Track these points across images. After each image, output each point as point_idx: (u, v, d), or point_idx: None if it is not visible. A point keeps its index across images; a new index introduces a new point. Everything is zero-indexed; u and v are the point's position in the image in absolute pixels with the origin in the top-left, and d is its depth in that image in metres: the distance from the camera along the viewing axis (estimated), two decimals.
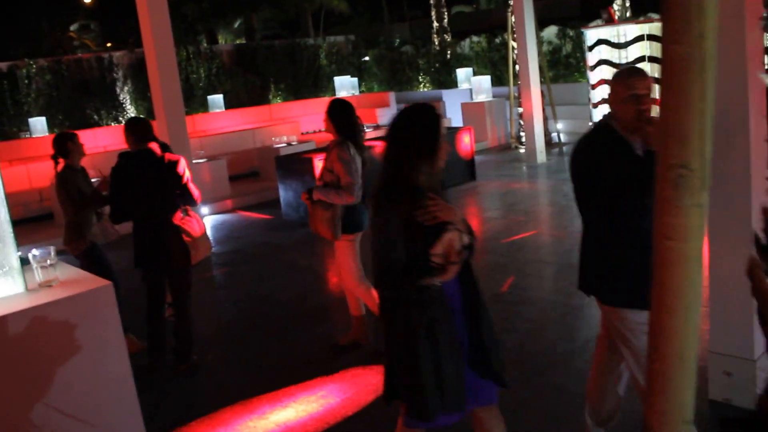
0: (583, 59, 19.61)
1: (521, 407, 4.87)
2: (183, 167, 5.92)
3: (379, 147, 11.57)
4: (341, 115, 5.70)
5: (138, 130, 5.95)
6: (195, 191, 6.02)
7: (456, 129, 13.46)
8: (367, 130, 16.60)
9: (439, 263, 3.21)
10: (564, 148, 16.30)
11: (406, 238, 3.25)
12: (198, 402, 5.62)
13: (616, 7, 19.85)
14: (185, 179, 5.91)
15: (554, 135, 16.52)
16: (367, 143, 11.40)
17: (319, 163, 10.71)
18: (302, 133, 17.45)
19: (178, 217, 5.95)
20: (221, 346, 6.79)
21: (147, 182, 5.85)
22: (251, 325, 7.19)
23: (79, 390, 4.08)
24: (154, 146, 5.98)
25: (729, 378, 4.63)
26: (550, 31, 20.00)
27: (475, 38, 22.21)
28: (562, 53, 19.71)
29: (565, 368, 5.43)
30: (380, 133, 16.41)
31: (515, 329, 6.30)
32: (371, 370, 5.74)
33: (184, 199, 5.98)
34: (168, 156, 5.95)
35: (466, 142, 13.25)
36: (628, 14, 19.69)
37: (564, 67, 19.58)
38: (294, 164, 11.57)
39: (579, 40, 19.55)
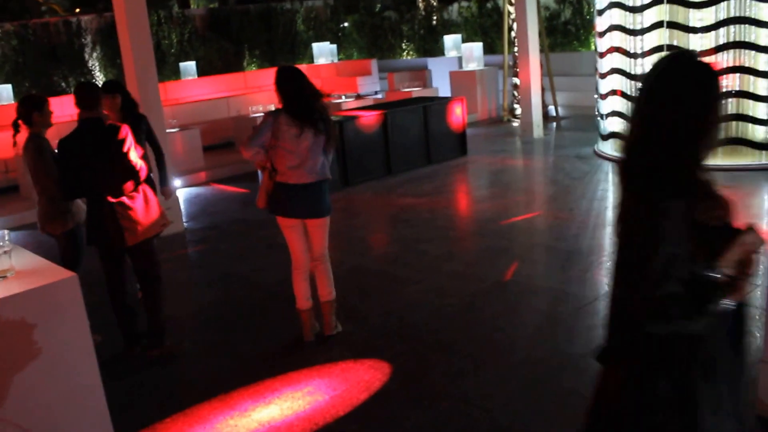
0: (592, 24, 18.99)
1: (533, 414, 4.19)
2: (125, 135, 5.12)
3: (366, 117, 10.85)
4: (277, 82, 5.24)
5: (83, 97, 5.27)
6: (137, 163, 5.22)
7: (447, 99, 12.66)
8: (347, 100, 15.84)
9: (731, 276, 2.29)
10: (562, 123, 15.56)
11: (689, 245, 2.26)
12: (173, 395, 4.96)
13: None
14: (126, 148, 5.11)
15: (551, 108, 15.74)
16: (345, 113, 10.63)
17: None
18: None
19: (128, 190, 5.19)
20: (197, 331, 6.09)
21: (90, 154, 5.17)
22: (229, 309, 6.47)
23: (38, 401, 3.59)
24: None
25: None
26: None
27: (464, 3, 21.31)
28: (561, 20, 18.90)
29: (577, 371, 4.70)
30: (362, 102, 15.61)
31: (523, 323, 5.58)
32: (362, 363, 5.07)
33: (127, 172, 5.19)
34: (110, 123, 5.30)
35: (457, 114, 12.45)
36: None
37: (562, 35, 18.79)
38: None
39: (580, 6, 18.75)
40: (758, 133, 10.21)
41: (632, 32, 10.80)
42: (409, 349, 5.23)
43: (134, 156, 5.21)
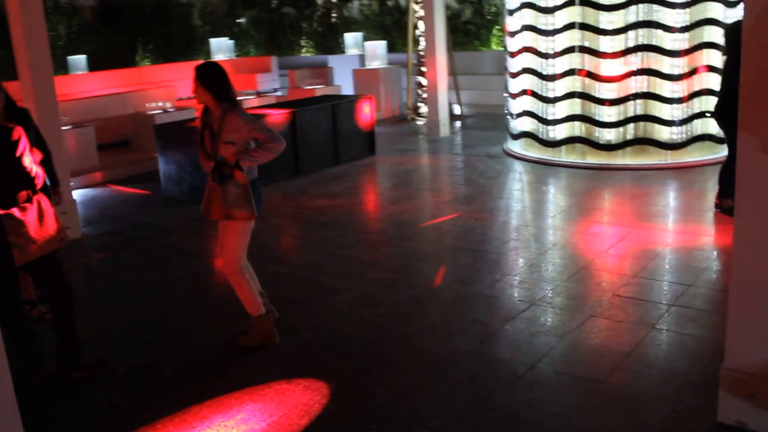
0: (493, 24, 19.10)
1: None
2: (18, 137, 4.54)
3: (274, 116, 10.40)
4: (218, 78, 4.91)
5: None
6: (33, 169, 4.64)
7: (355, 98, 12.34)
8: (248, 97, 15.31)
9: None
10: (467, 121, 15.50)
11: None
12: (86, 429, 4.40)
13: None
14: (19, 152, 4.53)
15: (455, 107, 15.66)
16: (252, 111, 10.22)
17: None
18: (178, 99, 15.84)
19: (21, 200, 4.59)
20: (108, 353, 5.38)
21: None
22: (142, 327, 5.87)
23: None
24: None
25: (746, 399, 3.86)
26: None
27: (365, 1, 21.05)
28: (461, 19, 18.89)
29: (527, 383, 4.48)
30: (263, 100, 15.14)
31: (463, 334, 5.31)
32: (297, 384, 4.64)
33: (20, 179, 4.61)
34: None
35: (366, 113, 12.17)
36: None
37: (463, 34, 18.78)
38: (178, 134, 10.13)
39: (481, 5, 18.81)
40: (664, 133, 10.37)
41: (544, 33, 10.78)
42: (346, 366, 4.88)
43: (28, 161, 4.63)
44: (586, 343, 5.01)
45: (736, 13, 10.28)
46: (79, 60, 17.36)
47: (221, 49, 19.20)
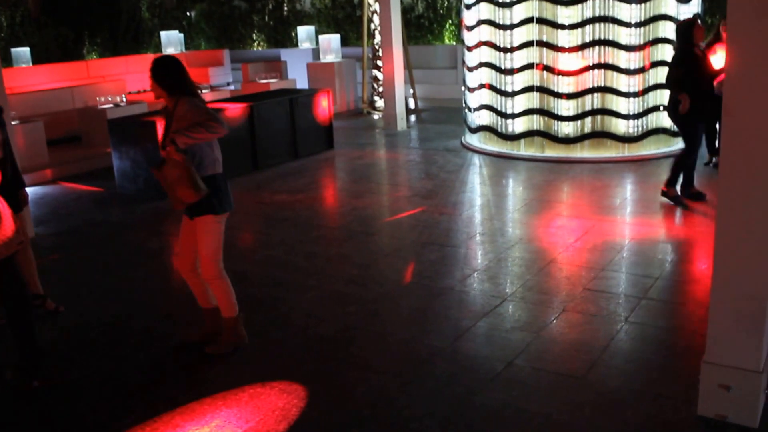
0: (446, 18, 19.10)
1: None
2: None
3: (231, 110, 10.21)
4: (170, 73, 4.82)
5: None
6: None
7: (313, 91, 12.19)
8: (203, 91, 15.04)
9: None
10: (423, 115, 15.47)
11: None
12: None
13: None
14: None
15: (410, 101, 15.62)
16: (209, 106, 9.96)
17: None
18: (129, 93, 15.48)
19: None
20: (71, 360, 5.19)
21: None
22: (104, 332, 5.65)
23: None
24: None
25: (727, 392, 3.87)
26: None
27: None
28: (414, 13, 18.86)
29: (507, 381, 4.44)
30: (218, 94, 14.91)
31: (438, 330, 5.25)
32: (272, 387, 4.52)
33: None
34: None
35: (324, 107, 12.03)
36: None
37: (416, 28, 18.74)
38: (132, 129, 9.87)
39: (434, 0, 18.81)
40: (621, 126, 10.47)
41: (502, 27, 10.77)
42: (321, 367, 4.78)
43: None
44: (562, 338, 5.00)
45: (689, 9, 10.42)
46: (22, 52, 16.89)
47: (171, 42, 18.86)
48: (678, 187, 8.10)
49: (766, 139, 3.55)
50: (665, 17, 10.21)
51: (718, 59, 8.52)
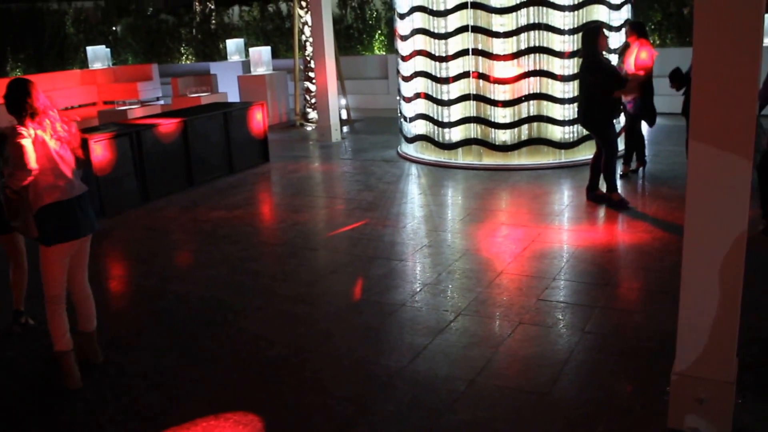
0: (376, 28, 19.01)
1: None
2: None
3: (164, 126, 9.89)
4: (7, 97, 4.54)
5: None
6: None
7: (247, 104, 11.93)
8: (132, 107, 14.63)
9: None
10: (356, 126, 15.34)
11: None
12: None
13: None
14: None
15: (343, 111, 15.47)
16: (142, 122, 9.65)
17: (95, 146, 8.81)
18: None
19: None
20: None
21: None
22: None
23: None
24: None
25: (699, 404, 3.81)
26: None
27: (245, 7, 20.58)
28: (344, 24, 18.73)
29: (470, 399, 4.31)
30: (148, 110, 14.52)
31: (394, 350, 5.09)
32: (226, 419, 4.27)
33: None
34: None
35: (258, 120, 11.79)
36: None
37: (345, 39, 18.61)
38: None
39: (363, 11, 18.72)
40: (556, 133, 10.52)
41: (437, 36, 10.71)
42: (276, 394, 4.56)
43: None
44: (522, 352, 4.90)
45: (620, 16, 10.55)
46: None
47: (98, 57, 18.32)
48: (609, 188, 8.32)
49: (732, 148, 3.52)
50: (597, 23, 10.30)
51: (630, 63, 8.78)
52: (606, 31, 8.19)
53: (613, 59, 9.93)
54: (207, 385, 4.73)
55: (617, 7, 10.54)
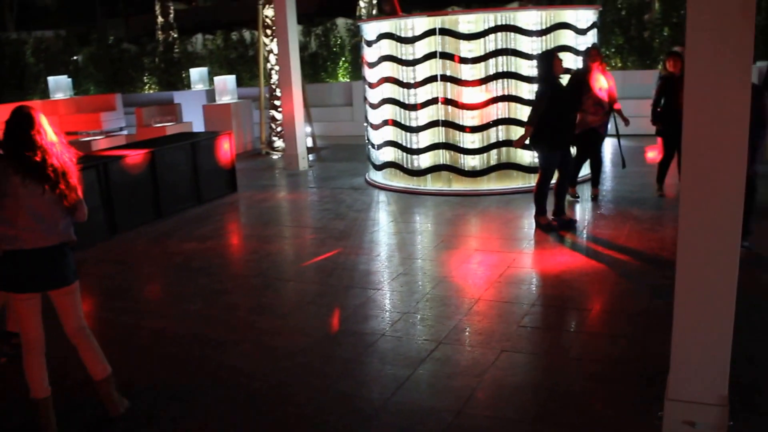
0: (341, 56, 19.06)
1: None
2: None
3: (132, 157, 9.77)
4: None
5: None
6: None
7: (214, 134, 11.84)
8: (96, 138, 14.46)
9: None
10: (322, 153, 15.31)
11: None
12: None
13: (362, 4, 19.33)
14: None
15: (309, 139, 15.44)
16: (109, 153, 9.51)
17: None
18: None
19: None
20: None
21: None
22: None
23: None
24: None
25: (692, 428, 3.83)
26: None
27: (208, 36, 20.51)
28: (308, 51, 18.77)
29: (456, 429, 4.27)
30: (113, 141, 14.36)
31: (377, 380, 5.02)
32: None
33: None
34: None
35: (226, 149, 11.70)
36: (374, 12, 19.25)
37: (310, 66, 18.63)
38: None
39: (327, 38, 18.78)
40: (526, 157, 10.58)
41: (405, 63, 10.76)
42: (266, 430, 4.48)
43: None
44: (507, 380, 4.86)
45: (586, 40, 10.69)
46: None
47: (60, 87, 18.10)
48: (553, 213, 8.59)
49: (724, 170, 3.55)
50: (565, 48, 10.44)
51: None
52: (560, 55, 8.35)
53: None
54: (188, 423, 4.62)
55: (583, 32, 10.69)
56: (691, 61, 3.55)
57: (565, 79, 8.98)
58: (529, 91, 10.36)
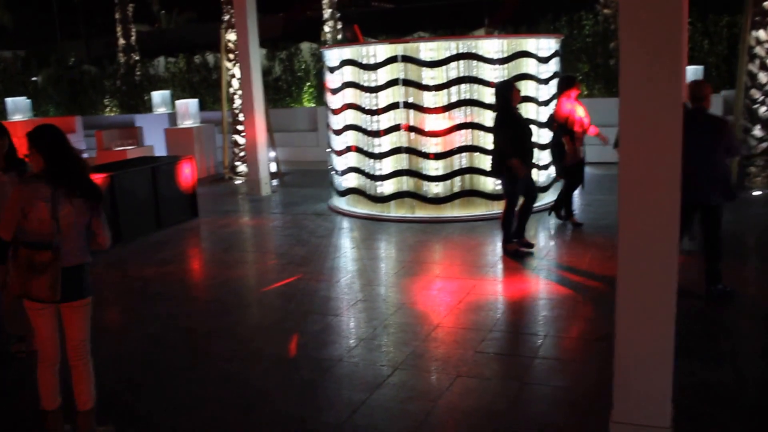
0: (305, 81, 19.09)
1: None
2: None
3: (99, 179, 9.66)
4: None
5: None
6: None
7: (175, 158, 11.78)
8: None
9: None
10: (286, 178, 15.29)
11: None
12: None
13: (326, 29, 19.42)
14: None
15: (272, 164, 15.41)
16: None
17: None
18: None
19: None
20: None
21: None
22: None
23: None
24: None
25: None
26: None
27: (170, 59, 20.44)
28: (272, 76, 18.78)
29: None
30: None
31: (334, 405, 5.00)
32: None
33: None
34: None
35: (186, 174, 11.63)
36: (339, 37, 19.34)
37: (274, 91, 18.64)
38: None
39: (291, 63, 18.82)
40: (489, 184, 10.66)
41: (367, 89, 10.82)
42: None
43: None
44: (462, 405, 4.87)
45: (548, 68, 10.85)
46: None
47: (18, 108, 17.89)
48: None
49: (659, 198, 3.63)
50: (527, 76, 10.58)
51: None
52: (517, 85, 8.54)
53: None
54: None
55: (546, 60, 10.84)
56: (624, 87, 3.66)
57: (523, 109, 9.16)
58: (491, 118, 10.45)
